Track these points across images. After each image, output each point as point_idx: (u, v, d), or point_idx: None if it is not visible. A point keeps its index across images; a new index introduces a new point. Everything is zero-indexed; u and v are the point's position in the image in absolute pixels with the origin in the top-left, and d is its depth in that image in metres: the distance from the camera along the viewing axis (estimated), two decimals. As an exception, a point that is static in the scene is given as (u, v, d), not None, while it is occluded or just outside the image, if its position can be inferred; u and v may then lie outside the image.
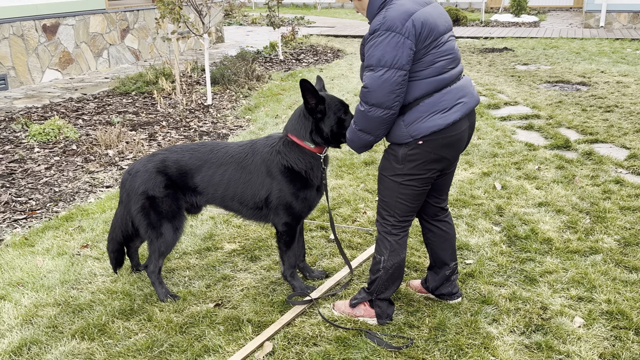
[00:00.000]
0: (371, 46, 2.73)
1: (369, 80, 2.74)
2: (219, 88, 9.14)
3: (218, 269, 3.84)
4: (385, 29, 2.69)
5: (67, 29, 10.20)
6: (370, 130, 2.85)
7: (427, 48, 2.75)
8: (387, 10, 2.74)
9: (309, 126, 3.24)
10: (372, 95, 2.73)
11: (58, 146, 6.37)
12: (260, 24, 19.67)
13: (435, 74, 2.80)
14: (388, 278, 3.11)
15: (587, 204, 4.71)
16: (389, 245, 3.07)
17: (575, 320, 3.21)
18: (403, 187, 2.96)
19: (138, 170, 3.41)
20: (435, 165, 2.93)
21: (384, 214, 3.08)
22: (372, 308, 3.23)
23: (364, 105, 2.80)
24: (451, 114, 2.83)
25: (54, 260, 3.95)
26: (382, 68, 2.69)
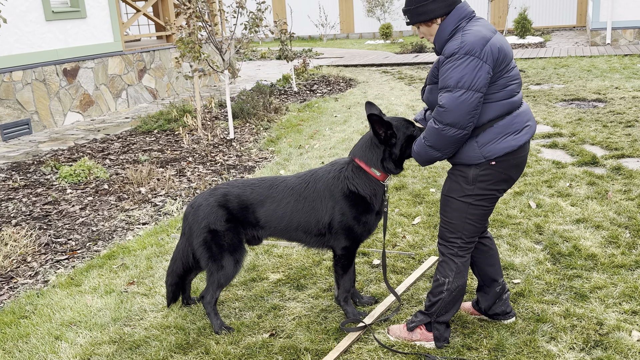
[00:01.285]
0: (449, 68, 2.82)
1: (446, 101, 2.82)
2: (239, 122, 9.27)
3: (266, 299, 3.86)
4: (464, 52, 2.79)
5: (86, 72, 10.42)
6: (440, 147, 2.93)
7: (501, 72, 2.87)
8: (463, 35, 2.85)
9: (379, 154, 3.32)
10: (449, 115, 2.82)
11: (90, 186, 6.46)
12: (270, 58, 19.99)
13: (507, 97, 2.92)
14: (451, 300, 3.13)
15: (624, 219, 4.72)
16: (455, 267, 3.10)
17: (633, 335, 3.20)
18: (473, 208, 3.01)
19: (200, 204, 3.48)
20: (504, 185, 3.01)
21: (449, 237, 3.11)
22: (429, 332, 3.23)
23: (438, 124, 2.87)
24: (522, 136, 2.94)
25: (103, 298, 3.99)
26: (460, 89, 2.78)
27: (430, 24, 2.99)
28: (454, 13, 2.93)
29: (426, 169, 6.26)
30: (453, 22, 2.92)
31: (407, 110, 9.59)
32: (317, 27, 25.40)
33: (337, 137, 8.13)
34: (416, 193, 5.64)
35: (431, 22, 2.98)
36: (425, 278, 4.02)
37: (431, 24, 2.99)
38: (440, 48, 2.98)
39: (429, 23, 2.99)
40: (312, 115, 9.74)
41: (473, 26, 2.89)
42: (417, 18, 2.99)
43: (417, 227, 4.89)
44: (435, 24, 2.97)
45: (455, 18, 2.92)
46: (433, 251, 4.40)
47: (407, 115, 9.17)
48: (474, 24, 2.91)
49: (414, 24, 3.05)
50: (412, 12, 3.00)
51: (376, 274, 4.14)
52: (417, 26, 3.06)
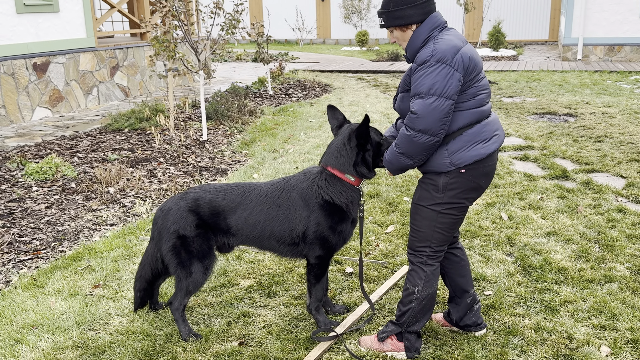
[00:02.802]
0: (421, 76, 2.83)
1: (418, 107, 2.83)
2: (213, 123, 9.16)
3: (236, 305, 3.79)
4: (435, 60, 2.81)
5: (57, 67, 10.18)
6: (412, 154, 2.93)
7: (471, 81, 2.90)
8: (435, 43, 2.86)
9: (352, 158, 3.27)
10: (421, 121, 2.82)
11: (56, 184, 6.29)
12: (245, 60, 19.87)
13: (477, 106, 2.95)
14: (421, 309, 3.12)
15: (594, 233, 4.78)
16: (424, 276, 3.09)
17: (602, 350, 3.23)
18: (442, 216, 3.01)
19: (170, 208, 3.39)
20: (473, 194, 3.03)
21: (417, 246, 3.10)
22: (400, 342, 3.21)
23: (410, 131, 2.87)
24: (491, 145, 2.97)
25: (67, 301, 3.86)
26: (432, 96, 2.80)
27: (405, 30, 3.00)
28: (427, 21, 2.95)
29: (400, 177, 6.25)
30: (426, 31, 2.94)
31: (382, 117, 9.61)
32: (294, 31, 25.38)
33: (312, 142, 8.09)
34: (390, 201, 5.64)
35: (406, 28, 2.99)
36: (398, 287, 4.00)
37: (406, 30, 3.00)
38: (412, 56, 3.00)
39: (404, 28, 3.00)
40: (287, 120, 9.69)
41: (444, 35, 2.92)
42: (392, 22, 2.99)
43: (390, 235, 4.87)
44: (410, 30, 2.99)
45: (429, 27, 2.94)
46: (406, 260, 4.39)
47: (381, 122, 9.20)
48: (446, 34, 2.94)
49: (388, 27, 3.04)
50: (388, 15, 2.99)
51: (349, 282, 4.10)
52: (391, 30, 3.07)
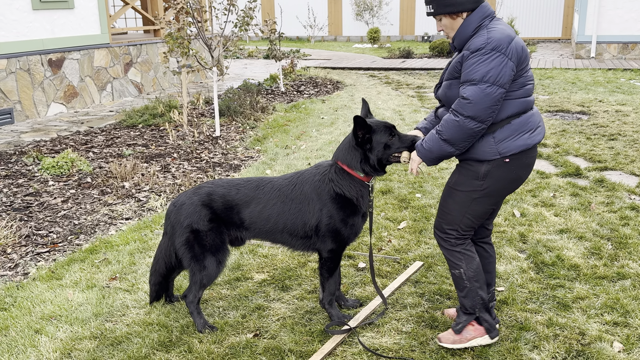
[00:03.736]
0: (475, 62, 2.83)
1: (470, 93, 2.82)
2: (225, 120, 9.22)
3: (251, 299, 3.83)
4: (491, 48, 2.81)
5: (72, 63, 10.28)
6: (457, 141, 2.91)
7: (522, 71, 2.92)
8: (489, 32, 2.87)
9: (358, 156, 3.31)
10: (471, 107, 2.82)
11: (72, 179, 6.37)
12: (257, 57, 19.93)
13: (525, 96, 2.97)
14: (475, 286, 3.16)
15: (607, 230, 4.78)
16: (461, 256, 3.14)
17: (614, 346, 3.24)
18: (476, 204, 3.04)
19: (183, 202, 3.44)
20: (512, 185, 3.04)
21: (445, 228, 3.15)
22: (480, 325, 3.24)
23: (459, 116, 2.86)
24: (536, 135, 2.99)
25: (84, 293, 3.92)
26: (485, 83, 2.80)
27: (455, 17, 2.96)
28: (479, 10, 2.94)
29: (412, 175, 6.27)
30: (477, 19, 2.93)
31: (393, 114, 9.62)
32: (305, 28, 25.41)
33: (324, 138, 8.13)
34: (402, 198, 5.66)
35: (456, 16, 2.96)
36: (410, 283, 4.03)
37: (456, 18, 2.96)
38: (460, 44, 2.98)
39: (454, 16, 2.96)
40: (299, 116, 9.73)
41: (497, 25, 2.92)
42: (443, 9, 2.96)
43: (402, 231, 4.90)
44: (460, 18, 2.96)
45: (480, 15, 2.93)
46: (418, 256, 4.42)
47: (392, 119, 9.21)
48: (498, 23, 2.94)
49: (438, 14, 3.00)
50: (438, 2, 2.96)
51: (362, 277, 4.14)
52: (439, 18, 3.02)
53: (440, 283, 4.00)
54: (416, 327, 3.47)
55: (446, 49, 18.04)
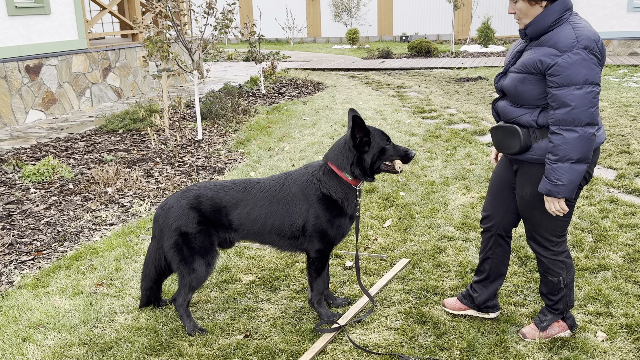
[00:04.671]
0: (571, 64, 2.72)
1: (578, 100, 2.71)
2: (207, 123, 9.20)
3: (240, 300, 3.84)
4: (582, 47, 2.73)
5: (50, 69, 10.17)
6: (587, 154, 2.78)
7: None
8: (576, 29, 2.78)
9: (350, 158, 3.34)
10: (584, 113, 2.72)
11: (54, 186, 6.31)
12: (237, 59, 19.90)
13: None
14: (570, 291, 3.22)
15: (587, 223, 4.88)
16: (563, 264, 3.16)
17: (598, 335, 3.32)
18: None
19: (171, 205, 3.44)
20: (584, 182, 3.02)
21: (543, 240, 3.14)
22: (564, 322, 3.30)
23: (578, 129, 2.73)
24: (602, 134, 2.99)
25: (71, 299, 3.90)
26: (589, 85, 2.71)
27: (533, 4, 2.84)
28: (561, 1, 2.82)
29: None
30: (559, 11, 2.82)
31: (375, 114, 9.69)
32: (284, 30, 25.43)
33: (307, 140, 8.15)
34: (386, 196, 5.71)
35: (535, 3, 2.84)
36: (397, 280, 4.07)
37: (534, 4, 2.84)
38: (535, 33, 2.88)
39: (533, 3, 2.84)
40: (281, 118, 9.75)
41: (580, 20, 2.83)
42: None
43: (388, 229, 4.94)
44: (539, 6, 2.84)
45: (562, 7, 2.82)
46: (404, 253, 4.46)
47: (374, 119, 9.27)
48: (580, 19, 2.84)
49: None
50: None
51: (349, 275, 4.17)
52: (514, 0, 2.90)
53: (426, 279, 4.05)
54: (405, 323, 3.52)
55: (424, 49, 18.17)
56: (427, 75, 14.49)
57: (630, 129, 7.96)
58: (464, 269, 4.16)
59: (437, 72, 14.83)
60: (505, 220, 3.35)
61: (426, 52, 18.16)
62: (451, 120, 9.03)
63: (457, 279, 4.04)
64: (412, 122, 8.99)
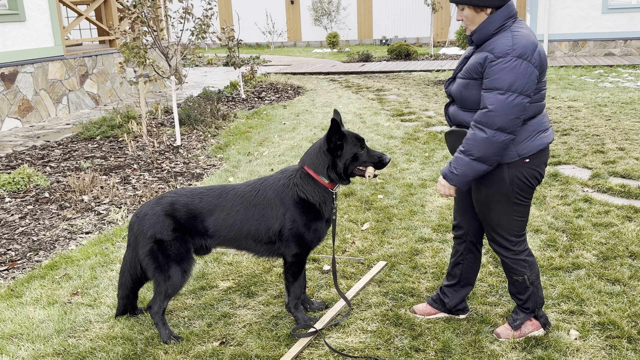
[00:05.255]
0: (501, 69, 2.79)
1: (497, 104, 2.80)
2: (186, 129, 9.16)
3: (216, 307, 3.83)
4: (517, 55, 2.78)
5: (25, 77, 10.06)
6: (489, 157, 2.88)
7: (541, 77, 2.93)
8: (514, 37, 2.83)
9: (326, 162, 3.36)
10: (499, 118, 2.80)
11: (29, 195, 6.24)
12: (217, 64, 19.83)
13: (540, 100, 2.99)
14: (537, 288, 3.25)
15: (561, 223, 4.94)
16: (525, 263, 3.20)
17: (571, 333, 3.36)
18: (516, 205, 3.07)
19: (146, 213, 3.42)
20: (535, 182, 3.08)
21: (502, 241, 3.17)
22: (537, 320, 3.34)
23: (488, 131, 2.83)
24: (549, 134, 3.06)
25: (46, 309, 3.85)
26: (512, 93, 2.78)
27: (479, 11, 2.91)
28: (503, 9, 2.89)
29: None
30: (501, 19, 2.88)
31: (354, 117, 9.72)
32: (265, 34, 25.41)
33: (286, 144, 8.15)
34: (365, 199, 5.73)
35: (480, 9, 2.90)
36: (375, 282, 4.09)
37: (479, 12, 2.91)
38: (480, 40, 2.94)
39: (478, 9, 2.91)
40: (261, 123, 9.74)
41: (521, 28, 2.88)
42: (469, 0, 2.90)
43: (366, 232, 4.96)
44: (484, 13, 2.90)
45: (505, 15, 2.89)
46: (382, 256, 4.48)
47: (354, 122, 9.30)
48: (521, 27, 2.89)
49: (462, 3, 2.94)
50: None
51: (326, 279, 4.18)
52: (462, 8, 2.97)
53: (403, 281, 4.07)
54: (381, 326, 3.53)
55: (404, 52, 18.28)
56: (407, 78, 14.57)
57: (605, 129, 8.08)
58: (440, 270, 4.19)
59: (416, 75, 14.92)
60: (473, 227, 3.40)
61: (405, 55, 18.27)
62: (429, 123, 9.10)
63: (433, 281, 4.07)
64: (390, 125, 9.04)
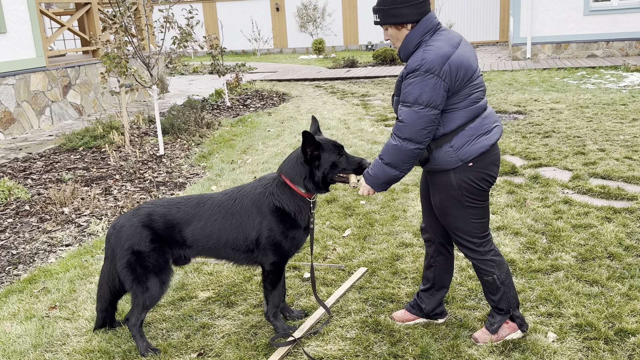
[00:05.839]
0: (409, 84, 2.92)
1: (405, 116, 2.93)
2: (170, 138, 9.13)
3: (195, 318, 3.81)
4: (424, 70, 2.87)
5: (7, 89, 9.99)
6: (398, 164, 3.00)
7: (465, 83, 2.96)
8: (424, 52, 2.91)
9: (303, 173, 3.36)
10: (407, 129, 2.92)
11: (10, 208, 6.18)
12: (202, 72, 19.80)
13: (472, 104, 3.02)
14: (509, 287, 3.25)
15: (541, 225, 4.96)
16: (493, 262, 3.21)
17: (548, 336, 3.37)
18: (471, 208, 3.11)
19: (123, 225, 3.40)
20: (487, 183, 3.11)
21: (466, 243, 3.21)
22: (513, 322, 3.34)
23: (397, 139, 2.97)
24: (493, 135, 3.07)
25: (23, 324, 3.81)
26: (418, 106, 2.89)
27: (400, 28, 3.03)
28: (420, 25, 2.99)
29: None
30: (418, 35, 2.99)
31: (338, 123, 9.73)
32: (251, 41, 25.41)
33: (270, 151, 8.15)
34: (347, 205, 5.73)
35: (401, 27, 3.02)
36: (355, 289, 4.08)
37: (401, 29, 3.02)
38: (405, 57, 3.06)
39: (399, 27, 3.02)
40: (245, 130, 9.73)
41: (435, 42, 2.95)
42: (388, 19, 3.01)
43: (347, 239, 4.96)
44: (405, 29, 3.02)
45: (421, 31, 2.99)
46: (363, 262, 4.48)
47: (338, 128, 9.32)
48: (437, 39, 2.96)
49: (384, 24, 3.05)
50: (384, 13, 3.01)
51: (307, 287, 4.17)
52: (385, 28, 3.08)
53: (383, 287, 4.07)
54: (360, 333, 3.52)
55: (389, 57, 18.36)
56: (391, 82, 14.62)
57: (586, 130, 8.15)
58: (420, 275, 4.19)
59: (401, 80, 14.97)
60: (439, 228, 3.42)
61: (390, 60, 18.34)
62: (413, 127, 9.10)
63: (413, 286, 4.07)
64: (374, 130, 9.06)
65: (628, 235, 4.67)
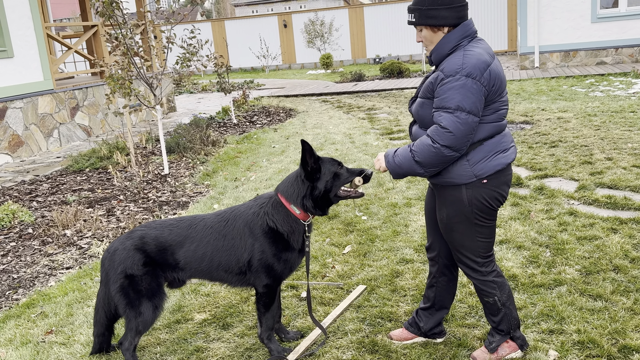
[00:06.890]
0: (450, 88, 2.79)
1: (447, 122, 2.79)
2: (175, 156, 9.15)
3: (190, 341, 3.76)
4: (465, 74, 2.77)
5: (15, 112, 10.11)
6: (429, 166, 2.89)
7: (496, 97, 2.89)
8: (465, 56, 2.82)
9: (302, 191, 3.30)
10: (450, 137, 2.79)
11: (13, 231, 6.20)
12: (211, 90, 19.93)
13: (498, 120, 2.95)
14: (510, 309, 3.17)
15: (545, 238, 4.86)
16: (494, 284, 3.13)
17: (549, 354, 3.27)
18: (479, 227, 3.02)
19: (117, 248, 3.37)
20: (497, 203, 3.02)
21: (468, 262, 3.12)
22: (514, 342, 3.26)
23: (436, 144, 2.83)
24: (510, 155, 2.99)
25: (18, 350, 3.79)
26: (462, 112, 2.77)
27: (435, 31, 2.93)
28: (459, 29, 2.90)
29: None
30: (456, 38, 2.89)
31: (344, 138, 9.70)
32: (259, 58, 25.58)
33: (274, 167, 8.12)
34: (348, 221, 5.67)
35: (437, 29, 2.92)
36: (353, 308, 4.01)
37: (437, 31, 2.93)
38: (437, 60, 2.95)
39: (435, 29, 2.92)
40: (251, 147, 9.73)
41: (475, 48, 2.87)
42: (425, 20, 2.91)
43: (347, 256, 4.89)
44: (441, 32, 2.92)
45: (460, 34, 2.90)
46: (362, 280, 4.41)
47: (343, 143, 9.28)
48: (476, 46, 2.88)
49: (419, 24, 2.95)
50: (421, 13, 2.91)
51: (303, 307, 4.10)
52: (420, 29, 2.98)
53: (382, 305, 3.99)
54: (356, 354, 3.45)
55: (396, 70, 18.34)
56: (398, 95, 14.59)
57: (593, 139, 8.02)
58: (419, 292, 4.11)
59: (407, 92, 14.94)
60: (444, 248, 3.33)
61: (398, 72, 18.32)
62: (418, 140, 9.04)
63: (412, 304, 3.99)
64: (379, 144, 9.01)
65: (634, 246, 4.55)
